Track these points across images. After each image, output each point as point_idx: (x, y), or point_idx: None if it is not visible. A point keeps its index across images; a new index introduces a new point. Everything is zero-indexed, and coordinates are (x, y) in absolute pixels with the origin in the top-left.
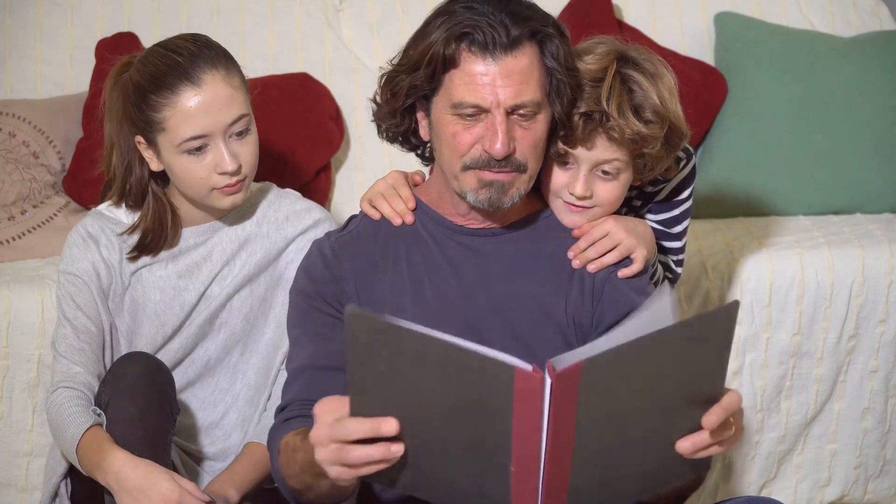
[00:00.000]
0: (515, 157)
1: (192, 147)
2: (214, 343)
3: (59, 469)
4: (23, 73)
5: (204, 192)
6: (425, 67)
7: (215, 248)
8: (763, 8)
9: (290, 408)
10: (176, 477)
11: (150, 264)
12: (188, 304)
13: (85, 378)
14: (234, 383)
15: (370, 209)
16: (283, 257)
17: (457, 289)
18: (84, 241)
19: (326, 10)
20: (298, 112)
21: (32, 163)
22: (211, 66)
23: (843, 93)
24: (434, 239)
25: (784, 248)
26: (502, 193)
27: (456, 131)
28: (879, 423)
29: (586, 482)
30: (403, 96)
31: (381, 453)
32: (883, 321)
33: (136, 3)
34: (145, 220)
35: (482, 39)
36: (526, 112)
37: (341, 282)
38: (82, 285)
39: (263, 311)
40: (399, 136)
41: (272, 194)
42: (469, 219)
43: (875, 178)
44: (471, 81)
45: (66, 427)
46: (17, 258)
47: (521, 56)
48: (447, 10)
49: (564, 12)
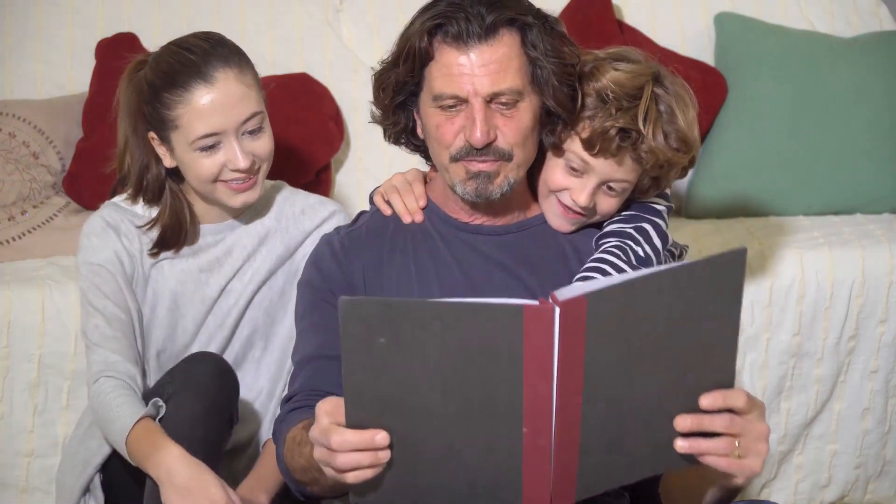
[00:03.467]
0: (498, 145)
1: (206, 144)
2: (239, 339)
3: (96, 460)
4: (23, 73)
5: (211, 187)
6: (404, 62)
7: (236, 245)
8: (763, 8)
9: (295, 398)
10: (225, 486)
11: (171, 258)
12: (209, 297)
13: (124, 367)
14: (258, 379)
15: (383, 203)
16: (300, 250)
17: (464, 285)
18: (104, 231)
19: (326, 10)
20: (298, 112)
21: (32, 163)
22: (224, 63)
23: (843, 93)
24: (441, 236)
25: (784, 248)
26: (488, 183)
27: (439, 123)
28: (879, 423)
29: (596, 441)
30: (391, 93)
31: (368, 459)
32: (883, 321)
33: (136, 3)
34: (163, 216)
35: (456, 30)
36: (507, 100)
37: (349, 275)
38: (107, 274)
39: (283, 304)
40: (400, 135)
41: (286, 191)
42: (474, 216)
43: (875, 178)
44: (448, 73)
45: (116, 417)
46: (17, 258)
47: (497, 44)
48: (431, 4)
49: (564, 12)
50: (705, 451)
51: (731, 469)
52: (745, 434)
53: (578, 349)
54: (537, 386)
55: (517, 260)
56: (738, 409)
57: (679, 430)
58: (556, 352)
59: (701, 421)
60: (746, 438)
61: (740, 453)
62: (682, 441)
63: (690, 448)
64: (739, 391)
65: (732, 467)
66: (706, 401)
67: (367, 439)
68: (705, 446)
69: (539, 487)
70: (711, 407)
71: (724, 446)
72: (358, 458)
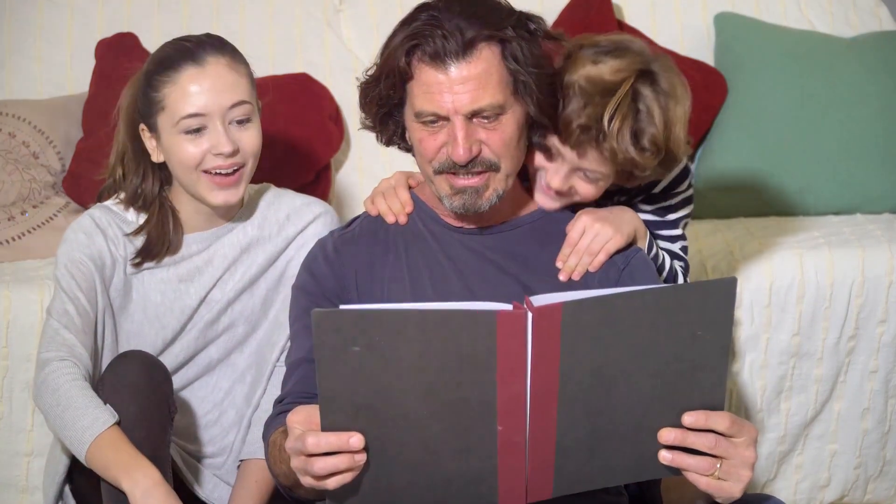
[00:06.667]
0: (484, 157)
1: (191, 126)
2: (216, 346)
3: (61, 468)
4: (23, 73)
5: (195, 174)
6: (386, 79)
7: (217, 254)
8: (763, 8)
9: (286, 400)
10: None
11: (151, 268)
12: (189, 307)
13: (79, 350)
14: (234, 383)
15: (370, 206)
16: (283, 256)
17: (458, 284)
18: (92, 230)
19: (326, 10)
20: (298, 112)
21: (32, 163)
22: (217, 51)
23: (843, 93)
24: (434, 236)
25: (784, 248)
26: (477, 197)
27: (422, 138)
28: (879, 423)
29: (573, 443)
30: (376, 106)
31: (345, 463)
32: (883, 321)
33: (136, 3)
34: (150, 223)
35: (433, 49)
36: (488, 115)
37: (342, 278)
38: (87, 271)
39: (264, 311)
40: (392, 139)
41: (270, 194)
42: (462, 221)
43: (875, 178)
44: (427, 91)
45: (78, 417)
46: (17, 258)
47: (476, 60)
48: (410, 19)
49: (564, 12)
50: (686, 468)
51: (709, 489)
52: (729, 458)
53: (553, 355)
54: (511, 386)
55: (510, 257)
56: (722, 431)
57: (663, 442)
58: (530, 356)
59: (685, 437)
60: (729, 462)
61: (720, 475)
62: (666, 453)
63: (673, 461)
64: (725, 414)
65: (711, 488)
66: (689, 419)
67: (342, 441)
68: (687, 462)
69: (515, 482)
70: (694, 426)
71: (706, 466)
72: (335, 462)
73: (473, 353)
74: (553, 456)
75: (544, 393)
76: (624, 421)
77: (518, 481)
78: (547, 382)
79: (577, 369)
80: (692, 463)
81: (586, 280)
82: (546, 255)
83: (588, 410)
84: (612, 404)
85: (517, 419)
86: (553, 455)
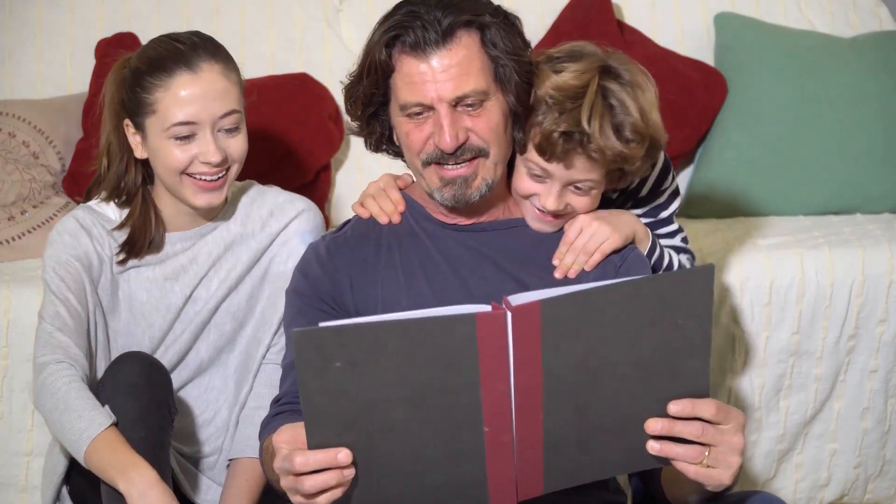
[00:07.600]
0: (472, 143)
1: (181, 133)
2: (206, 345)
3: (59, 469)
4: (23, 73)
5: (178, 179)
6: (368, 76)
7: (201, 252)
8: (763, 8)
9: (281, 402)
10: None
11: (137, 266)
12: (175, 306)
13: (74, 352)
14: (226, 382)
15: (360, 209)
16: (267, 253)
17: (454, 281)
18: (77, 231)
19: (326, 10)
20: (298, 112)
21: (32, 163)
22: (211, 57)
23: (843, 93)
24: (427, 234)
25: (784, 248)
26: (466, 187)
27: (408, 130)
28: (879, 422)
29: (561, 439)
30: (362, 106)
31: (335, 479)
32: (883, 321)
33: (136, 3)
34: (133, 216)
35: (413, 39)
36: (472, 101)
37: (336, 280)
38: (75, 272)
39: (250, 308)
40: (380, 144)
41: (253, 191)
42: (454, 218)
43: (875, 178)
44: (410, 82)
45: (76, 419)
46: (17, 258)
47: (456, 48)
48: (389, 15)
49: (564, 12)
50: (675, 457)
51: (698, 477)
52: (716, 445)
53: (534, 352)
54: (495, 386)
55: (505, 253)
56: (708, 418)
57: (650, 433)
58: (512, 355)
59: (672, 426)
60: (717, 449)
61: (709, 463)
62: (654, 443)
63: (661, 451)
64: (710, 401)
65: (700, 475)
66: (675, 408)
67: (330, 457)
68: (675, 451)
69: (505, 482)
70: (680, 414)
71: (694, 454)
72: (325, 479)
73: (455, 357)
74: (541, 453)
75: (529, 391)
76: (611, 414)
77: (508, 480)
78: (531, 380)
79: (561, 365)
80: (680, 452)
81: (581, 279)
82: (542, 252)
83: (574, 405)
84: (597, 398)
85: (503, 419)
86: (541, 452)
